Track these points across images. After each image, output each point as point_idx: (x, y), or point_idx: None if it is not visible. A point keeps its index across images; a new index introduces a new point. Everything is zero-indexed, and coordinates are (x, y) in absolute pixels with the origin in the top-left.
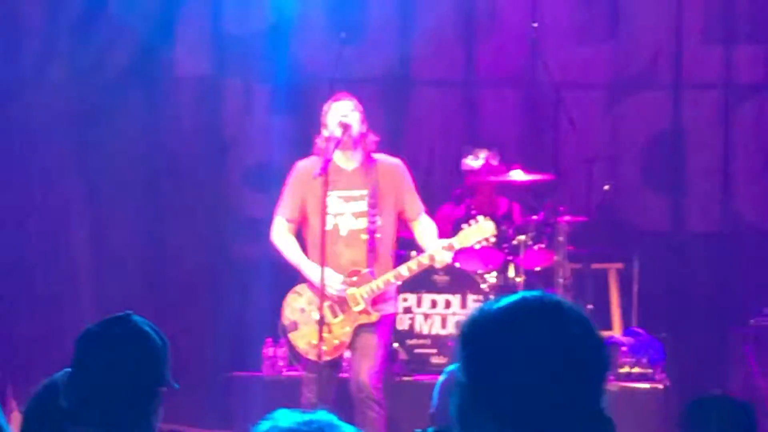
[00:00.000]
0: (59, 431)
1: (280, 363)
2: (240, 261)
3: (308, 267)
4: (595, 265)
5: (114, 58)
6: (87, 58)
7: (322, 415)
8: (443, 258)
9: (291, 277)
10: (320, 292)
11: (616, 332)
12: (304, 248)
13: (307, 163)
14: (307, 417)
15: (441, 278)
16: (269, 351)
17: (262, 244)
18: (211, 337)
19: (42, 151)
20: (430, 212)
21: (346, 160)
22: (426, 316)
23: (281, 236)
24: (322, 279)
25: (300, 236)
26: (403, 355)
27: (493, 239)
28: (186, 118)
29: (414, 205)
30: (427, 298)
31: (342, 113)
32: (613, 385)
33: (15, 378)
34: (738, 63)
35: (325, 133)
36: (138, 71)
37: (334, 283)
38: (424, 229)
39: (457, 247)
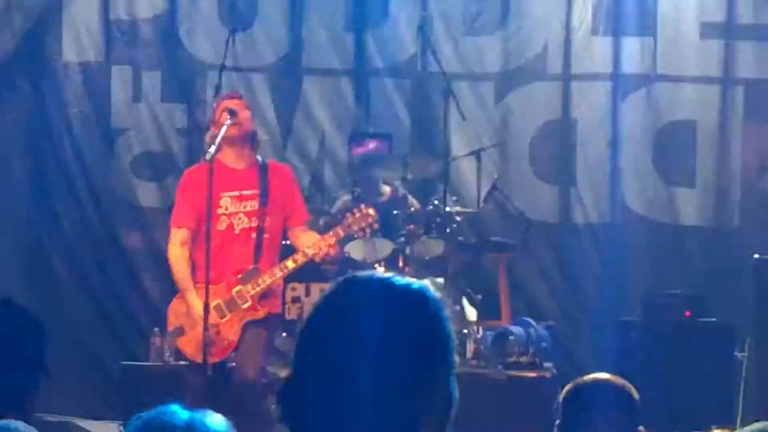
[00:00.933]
0: None
1: (167, 353)
2: (128, 250)
3: (192, 298)
4: (484, 255)
5: (1, 43)
6: None
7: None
8: (327, 247)
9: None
10: (204, 300)
11: (505, 321)
12: (195, 250)
13: (195, 169)
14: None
15: (330, 267)
16: (157, 340)
17: (149, 233)
18: (98, 327)
19: None
20: (328, 203)
21: (236, 159)
22: None
23: (174, 252)
24: (207, 284)
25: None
26: (290, 345)
27: (375, 225)
28: (73, 105)
29: (301, 211)
30: (315, 287)
31: (230, 107)
32: (501, 374)
33: None
34: (626, 54)
35: (214, 131)
36: (24, 57)
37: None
38: (309, 236)
39: (341, 235)
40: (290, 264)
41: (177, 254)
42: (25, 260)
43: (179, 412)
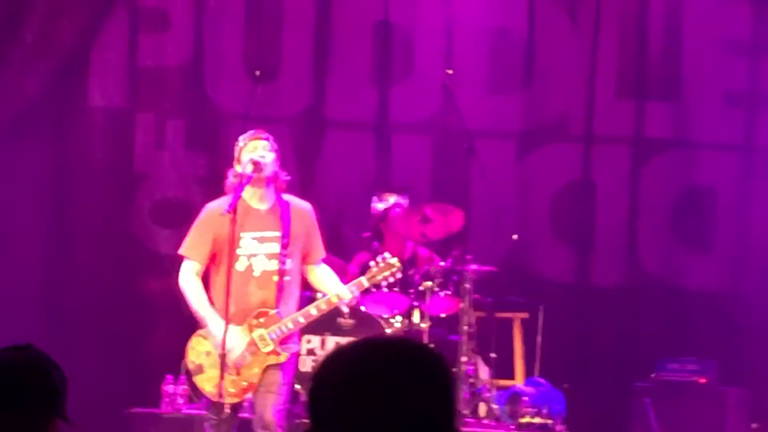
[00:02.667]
0: None
1: (180, 400)
2: (145, 296)
3: (213, 322)
4: (500, 314)
5: (27, 84)
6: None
7: None
8: (351, 297)
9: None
10: (223, 338)
11: (518, 382)
12: (209, 289)
13: (217, 203)
14: None
15: (346, 321)
16: (169, 388)
17: (167, 279)
18: (111, 372)
19: None
20: (344, 258)
21: (258, 201)
22: None
23: (190, 281)
24: (226, 327)
25: (207, 278)
26: (304, 397)
27: (399, 275)
28: (97, 150)
29: (319, 249)
30: (331, 340)
31: (259, 153)
32: None
33: None
34: (648, 119)
35: (237, 168)
36: (50, 99)
37: (235, 347)
38: (325, 273)
39: (365, 285)
40: (313, 311)
41: (192, 283)
42: (42, 303)
43: None
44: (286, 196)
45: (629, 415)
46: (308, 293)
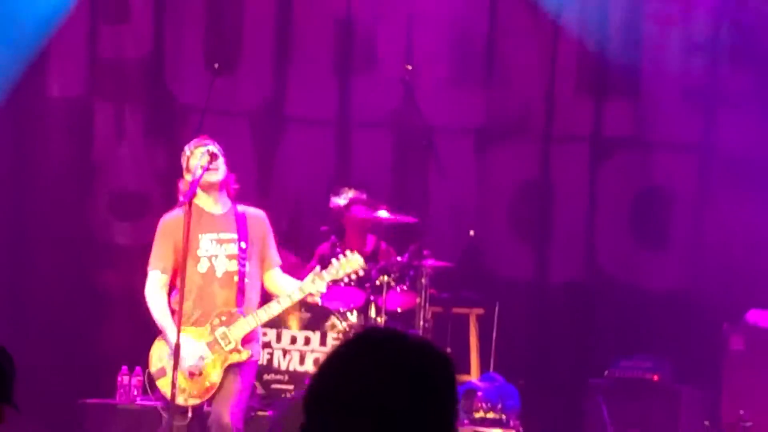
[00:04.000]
0: None
1: (135, 392)
2: (101, 288)
3: (169, 332)
4: (456, 310)
5: None
6: None
7: None
8: (316, 287)
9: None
10: (176, 350)
11: (473, 377)
12: (172, 296)
13: (173, 214)
14: None
15: (301, 315)
16: (124, 379)
17: (123, 272)
18: (67, 363)
19: None
20: (302, 252)
21: (213, 204)
22: (285, 352)
23: (150, 293)
24: (179, 329)
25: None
26: (260, 390)
27: (362, 272)
28: (55, 140)
29: (275, 256)
30: (286, 333)
31: (210, 149)
32: (467, 430)
33: None
34: (607, 117)
35: (187, 177)
36: (8, 89)
37: (190, 354)
38: (283, 278)
39: (327, 278)
40: (275, 307)
41: (154, 295)
42: None
43: None
44: (240, 206)
45: (583, 412)
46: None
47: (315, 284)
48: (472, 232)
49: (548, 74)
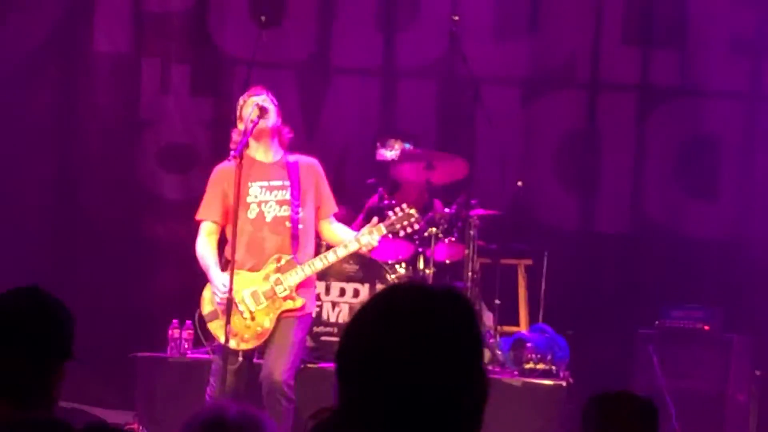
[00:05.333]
0: None
1: (185, 345)
2: (151, 241)
3: (213, 272)
4: (504, 261)
5: (31, 30)
6: (3, 30)
7: None
8: (371, 240)
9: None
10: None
11: (522, 328)
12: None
13: (226, 164)
14: None
15: (350, 267)
16: (175, 332)
17: (172, 225)
18: (116, 316)
19: None
20: (349, 204)
21: (264, 153)
22: (334, 304)
23: (199, 241)
24: (232, 266)
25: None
26: (309, 342)
27: (417, 225)
28: (101, 95)
29: (330, 203)
30: (335, 285)
31: (259, 103)
32: (516, 381)
33: None
34: (654, 66)
35: (240, 126)
36: (55, 45)
37: (240, 290)
38: (338, 227)
39: (384, 231)
40: (331, 256)
41: (203, 243)
42: (48, 247)
43: (230, 408)
44: (293, 156)
45: (633, 362)
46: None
47: (371, 236)
48: (520, 183)
49: (594, 23)
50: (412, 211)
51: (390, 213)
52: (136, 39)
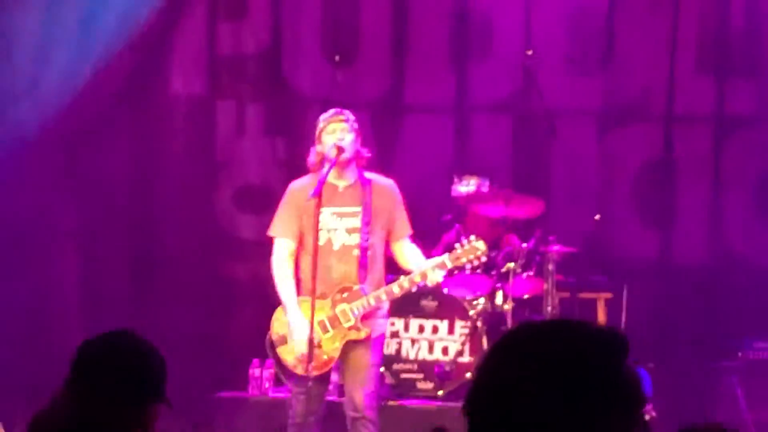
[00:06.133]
0: None
1: (266, 384)
2: (228, 281)
3: (290, 309)
4: (583, 295)
5: (109, 74)
6: (81, 73)
7: None
8: (435, 277)
9: (278, 299)
10: (311, 310)
11: None
12: (297, 266)
13: (301, 183)
14: None
15: (429, 303)
16: (255, 372)
17: (250, 264)
18: (197, 356)
19: (32, 167)
20: (425, 242)
21: (338, 177)
22: (413, 341)
23: (278, 262)
24: (313, 300)
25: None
26: (389, 380)
27: (484, 258)
28: (178, 138)
29: (403, 225)
30: (414, 322)
31: (338, 136)
32: None
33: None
34: (729, 96)
35: (318, 148)
36: (132, 89)
37: (299, 328)
38: (410, 250)
39: (449, 266)
40: (396, 289)
41: (279, 264)
42: (130, 292)
43: None
44: (369, 174)
45: (715, 395)
46: (391, 276)
47: (434, 272)
48: (598, 216)
49: (668, 53)
50: (479, 243)
51: (457, 245)
52: (211, 81)
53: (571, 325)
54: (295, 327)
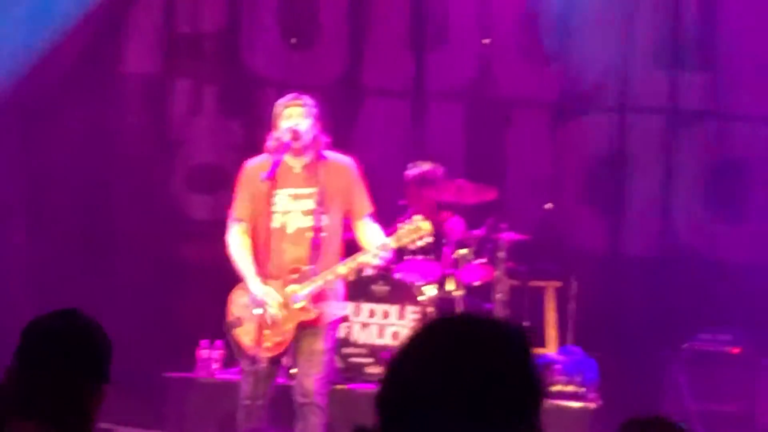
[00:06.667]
0: (0, 426)
1: (214, 365)
2: (179, 261)
3: (250, 279)
4: (533, 283)
5: (62, 52)
6: (35, 49)
7: None
8: (370, 260)
9: (231, 280)
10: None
11: (551, 350)
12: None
13: (256, 163)
14: None
15: (380, 288)
16: (204, 353)
17: (202, 245)
18: (146, 337)
19: None
20: (381, 224)
21: (293, 158)
22: (363, 325)
23: (232, 239)
24: (262, 283)
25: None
26: (339, 363)
27: (429, 239)
28: (132, 116)
29: (362, 203)
30: (365, 307)
31: (294, 121)
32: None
33: None
34: (683, 89)
35: (275, 133)
36: (86, 65)
37: (272, 303)
38: (368, 229)
39: (393, 245)
40: (341, 269)
41: (234, 240)
42: (79, 269)
43: None
44: (326, 152)
45: (661, 384)
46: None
47: (379, 253)
48: (549, 205)
49: (623, 46)
50: (424, 224)
51: (399, 225)
52: (166, 60)
53: (479, 322)
54: (265, 297)
